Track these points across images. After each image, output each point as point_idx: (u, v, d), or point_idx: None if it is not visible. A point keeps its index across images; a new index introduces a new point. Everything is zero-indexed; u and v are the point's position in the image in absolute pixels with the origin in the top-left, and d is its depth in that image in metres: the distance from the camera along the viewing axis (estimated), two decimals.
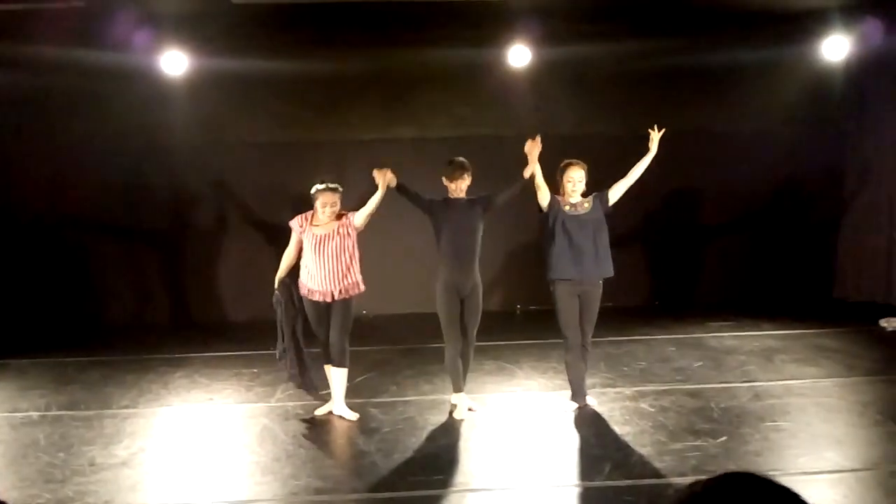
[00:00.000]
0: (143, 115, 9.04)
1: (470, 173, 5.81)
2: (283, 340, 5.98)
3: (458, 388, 5.91)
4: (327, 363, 6.00)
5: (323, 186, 5.75)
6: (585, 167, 5.86)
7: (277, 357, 6.08)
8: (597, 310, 5.91)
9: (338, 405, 5.96)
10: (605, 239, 5.84)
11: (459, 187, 5.78)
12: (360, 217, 5.81)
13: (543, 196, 5.85)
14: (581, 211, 5.81)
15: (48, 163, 9.17)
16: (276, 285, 5.97)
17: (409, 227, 8.11)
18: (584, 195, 5.89)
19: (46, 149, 9.12)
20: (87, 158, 9.16)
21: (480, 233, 5.83)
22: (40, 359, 7.77)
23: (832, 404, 5.97)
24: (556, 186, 5.91)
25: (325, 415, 5.99)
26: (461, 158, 5.87)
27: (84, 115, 8.98)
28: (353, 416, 5.91)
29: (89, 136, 9.05)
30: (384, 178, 5.67)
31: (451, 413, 5.90)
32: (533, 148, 5.82)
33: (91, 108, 8.94)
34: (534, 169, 5.80)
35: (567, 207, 5.82)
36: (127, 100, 8.92)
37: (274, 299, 5.96)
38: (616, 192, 5.93)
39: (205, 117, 9.17)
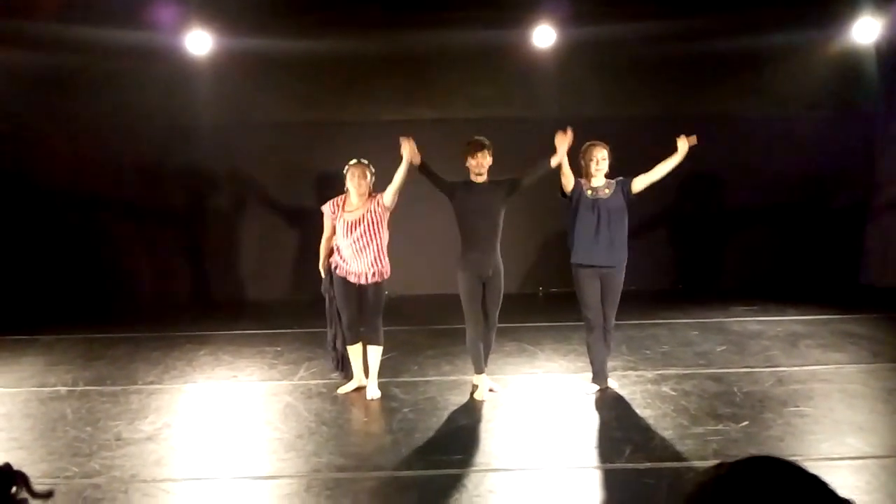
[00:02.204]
0: (166, 95, 9.10)
1: (491, 152, 5.79)
2: (332, 327, 6.05)
3: (479, 370, 5.93)
4: (350, 344, 6.05)
5: (354, 161, 5.87)
6: (608, 147, 5.82)
7: (330, 347, 6.13)
8: (619, 293, 5.90)
9: (371, 384, 6.02)
10: (622, 227, 5.81)
11: (480, 164, 5.75)
12: (388, 194, 5.83)
13: (568, 182, 5.83)
14: (601, 195, 5.78)
15: (72, 141, 9.26)
16: (322, 273, 6.01)
17: (432, 209, 8.11)
18: (608, 176, 5.86)
19: (70, 128, 9.21)
20: (111, 137, 9.26)
21: (502, 217, 5.82)
22: (67, 335, 7.90)
23: (856, 390, 5.91)
24: (578, 169, 5.88)
25: (347, 393, 6.04)
26: (481, 137, 5.85)
27: (107, 94, 9.05)
28: (377, 394, 5.97)
29: (112, 116, 9.12)
30: (409, 146, 5.69)
31: (471, 394, 5.93)
32: (563, 140, 5.76)
33: (114, 88, 9.00)
34: (561, 160, 5.76)
35: (588, 192, 5.80)
36: (151, 79, 8.98)
37: (323, 287, 6.04)
38: (640, 184, 5.87)
39: (227, 97, 9.20)
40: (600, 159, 5.79)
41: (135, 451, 4.97)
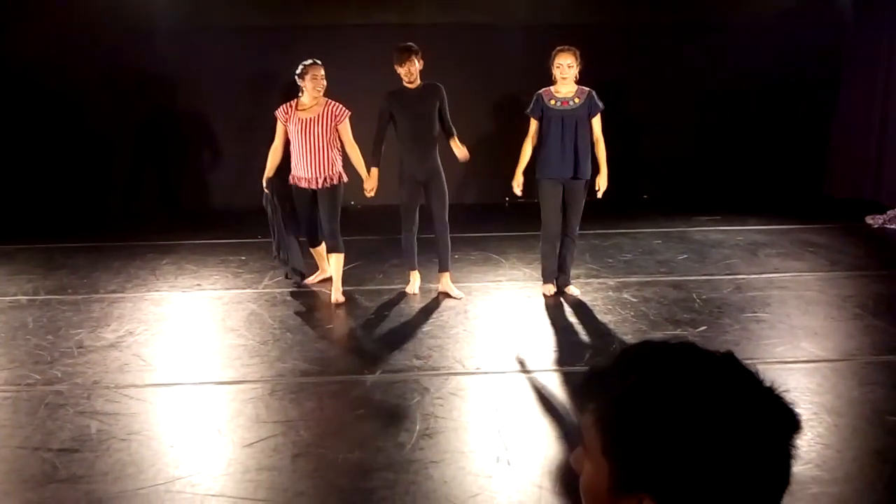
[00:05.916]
0: None
1: (419, 56, 5.76)
2: (275, 237, 6.13)
3: (412, 267, 6.17)
4: (312, 247, 6.26)
5: (310, 62, 5.90)
6: (576, 52, 5.72)
7: (274, 256, 6.26)
8: (582, 202, 5.93)
9: (335, 289, 6.08)
10: (586, 137, 5.78)
11: (410, 71, 5.73)
12: (348, 144, 5.96)
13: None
14: (567, 106, 5.72)
15: (24, 47, 8.90)
16: (264, 185, 6.08)
17: None
18: (578, 83, 5.77)
19: (25, 36, 8.82)
20: (67, 44, 8.90)
21: (437, 118, 5.87)
22: (28, 245, 7.77)
23: (813, 297, 6.04)
24: (548, 79, 5.79)
25: (312, 301, 6.07)
26: (408, 43, 5.79)
27: None
28: (341, 299, 6.02)
29: (67, 21, 8.76)
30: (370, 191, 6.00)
31: (406, 290, 6.16)
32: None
33: None
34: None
35: (552, 102, 5.74)
36: None
37: (264, 199, 6.09)
38: (596, 128, 5.84)
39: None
40: (566, 66, 5.69)
41: (97, 359, 4.96)
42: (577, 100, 5.75)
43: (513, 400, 4.34)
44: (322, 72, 5.87)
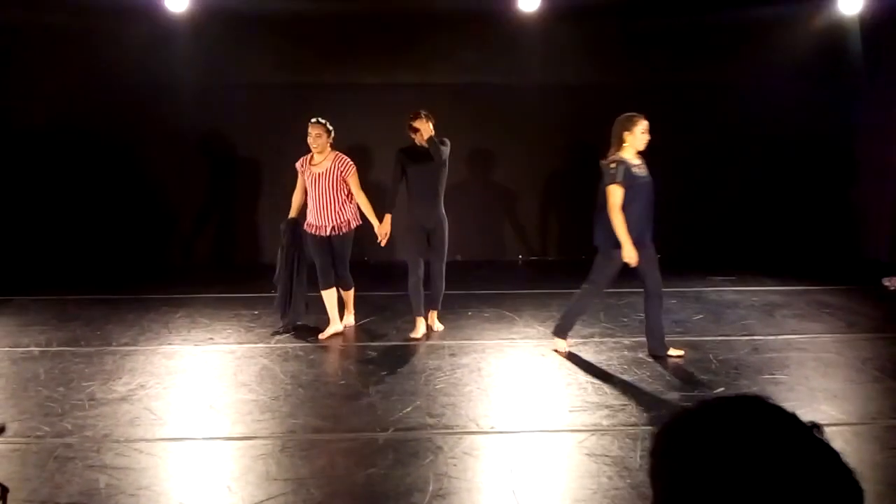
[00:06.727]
0: (145, 55, 8.92)
1: (429, 119, 6.06)
2: (279, 271, 6.50)
3: (419, 314, 6.39)
4: (323, 289, 6.48)
5: (314, 120, 6.33)
6: None
7: (274, 280, 6.56)
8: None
9: (347, 315, 6.71)
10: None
11: (422, 142, 6.05)
12: (356, 189, 6.32)
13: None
14: (645, 174, 5.66)
15: (49, 102, 9.06)
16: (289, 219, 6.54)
17: None
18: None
19: (47, 89, 8.99)
20: (89, 98, 9.06)
21: (445, 173, 6.19)
22: (41, 296, 7.80)
23: (831, 359, 5.96)
24: (619, 140, 5.59)
25: (325, 356, 6.03)
26: (421, 112, 6.10)
27: (85, 54, 8.86)
28: (349, 322, 6.68)
29: (90, 76, 8.94)
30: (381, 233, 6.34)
31: (410, 335, 6.34)
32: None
33: (92, 47, 8.81)
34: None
35: (636, 170, 5.60)
36: (129, 38, 8.79)
37: (281, 228, 6.51)
38: None
39: (207, 57, 9.04)
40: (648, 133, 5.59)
41: (108, 412, 4.92)
42: (644, 167, 5.68)
43: (528, 460, 4.27)
44: (317, 130, 6.25)
